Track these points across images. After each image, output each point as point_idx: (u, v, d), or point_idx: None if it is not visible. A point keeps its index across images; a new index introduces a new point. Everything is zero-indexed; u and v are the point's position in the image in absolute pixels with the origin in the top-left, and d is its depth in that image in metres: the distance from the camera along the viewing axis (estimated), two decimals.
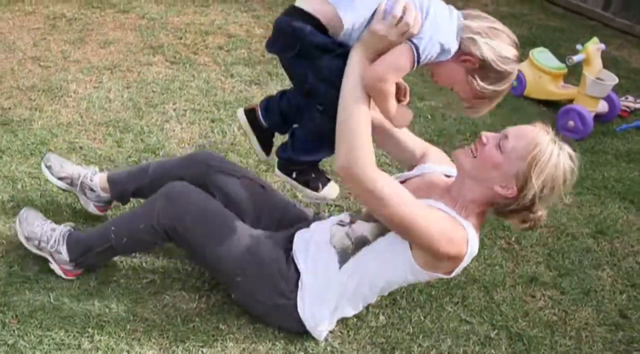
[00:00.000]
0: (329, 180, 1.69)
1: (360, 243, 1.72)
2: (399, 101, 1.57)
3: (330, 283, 1.73)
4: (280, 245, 1.82)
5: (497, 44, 1.46)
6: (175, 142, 2.58)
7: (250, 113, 1.70)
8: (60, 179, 2.08)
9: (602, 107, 3.10)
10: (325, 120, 1.54)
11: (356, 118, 1.48)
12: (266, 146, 1.73)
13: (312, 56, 1.47)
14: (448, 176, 1.80)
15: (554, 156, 1.54)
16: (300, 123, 1.63)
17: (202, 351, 1.71)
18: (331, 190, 1.69)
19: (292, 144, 1.64)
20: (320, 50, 1.46)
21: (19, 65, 2.98)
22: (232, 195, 1.95)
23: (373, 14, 1.44)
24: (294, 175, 1.66)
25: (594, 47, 2.97)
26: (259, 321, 1.81)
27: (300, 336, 1.79)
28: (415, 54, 1.43)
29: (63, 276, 1.88)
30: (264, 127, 1.69)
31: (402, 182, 1.76)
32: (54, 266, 1.89)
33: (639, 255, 2.29)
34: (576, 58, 2.97)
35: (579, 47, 3.02)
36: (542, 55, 3.20)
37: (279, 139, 1.74)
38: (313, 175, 1.67)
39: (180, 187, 1.84)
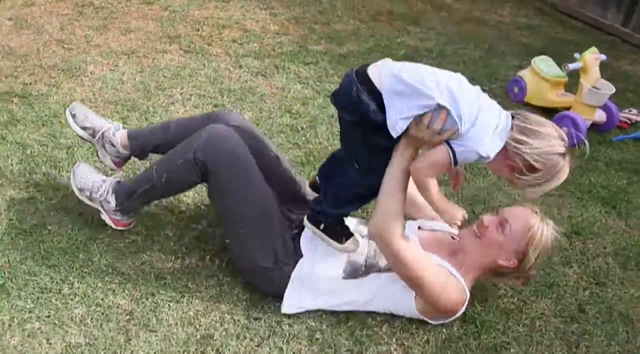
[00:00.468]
0: (351, 235, 1.84)
1: (372, 268, 1.87)
2: (454, 187, 1.80)
3: (329, 284, 1.87)
4: (288, 219, 1.97)
5: (541, 149, 1.57)
6: None
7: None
8: (83, 128, 2.16)
9: (600, 116, 3.13)
10: (357, 178, 1.70)
11: (394, 198, 1.71)
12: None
13: (366, 129, 1.62)
14: (453, 238, 2.00)
15: (544, 233, 1.86)
16: (335, 179, 1.78)
17: (169, 305, 1.86)
18: (352, 244, 1.84)
19: (325, 198, 1.80)
20: (375, 128, 1.60)
21: (44, 46, 3.22)
22: (250, 146, 1.98)
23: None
24: (321, 226, 1.81)
25: (591, 56, 3.01)
26: (243, 276, 1.94)
27: (263, 300, 1.91)
28: (452, 158, 1.59)
29: (113, 226, 2.04)
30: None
31: (420, 229, 1.99)
32: (104, 216, 2.03)
33: (609, 256, 2.33)
34: (572, 66, 3.01)
35: (576, 55, 3.06)
36: (543, 64, 3.25)
37: None
38: (339, 229, 1.82)
39: (222, 130, 1.93)
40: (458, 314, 1.90)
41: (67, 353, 1.67)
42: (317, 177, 1.91)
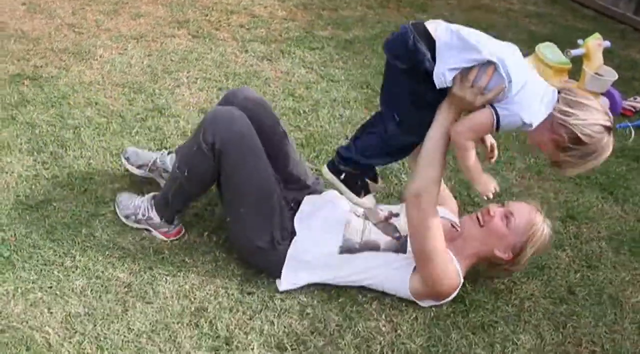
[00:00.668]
0: (369, 192, 1.85)
1: (370, 247, 1.91)
2: (489, 159, 1.84)
3: (325, 259, 1.92)
4: (287, 199, 2.01)
5: (587, 120, 1.58)
6: (182, 104, 2.81)
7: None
8: (139, 167, 2.25)
9: (603, 103, 3.13)
10: (396, 130, 1.71)
11: (434, 164, 1.73)
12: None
13: (416, 78, 1.64)
14: (453, 226, 2.04)
15: (544, 232, 1.92)
16: (372, 130, 1.78)
17: (166, 278, 1.93)
18: (369, 200, 1.85)
19: (356, 146, 1.79)
20: (426, 78, 1.62)
21: (56, 30, 3.30)
22: (258, 125, 2.00)
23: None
24: (342, 176, 1.81)
25: (594, 42, 2.99)
26: (240, 255, 2.00)
27: (257, 275, 1.98)
28: (495, 121, 1.60)
29: (166, 239, 2.06)
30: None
31: None
32: (154, 233, 2.07)
33: (603, 240, 2.34)
34: (574, 52, 2.99)
35: (579, 41, 3.05)
36: (547, 50, 3.21)
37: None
38: (359, 183, 1.82)
39: (228, 111, 1.96)
40: (448, 299, 1.94)
41: (66, 322, 1.75)
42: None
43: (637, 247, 2.32)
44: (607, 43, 3.14)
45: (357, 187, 1.82)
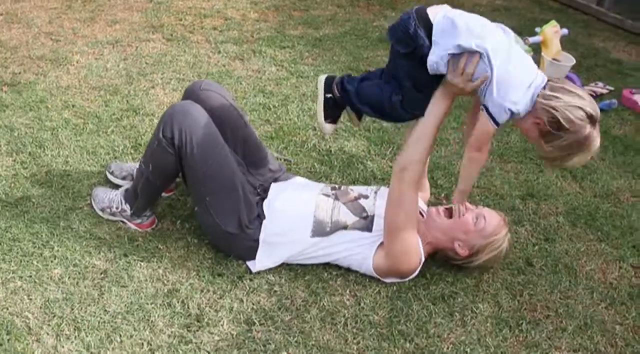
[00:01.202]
0: (335, 123, 2.00)
1: (339, 227, 2.01)
2: None
3: (297, 243, 2.01)
4: (252, 186, 2.10)
5: (570, 103, 1.65)
6: (155, 104, 2.91)
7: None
8: (123, 178, 2.34)
9: None
10: (398, 104, 1.84)
11: (422, 145, 1.87)
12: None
13: (416, 62, 1.77)
14: (420, 213, 2.13)
15: (502, 246, 2.04)
16: (376, 89, 1.89)
17: (140, 264, 2.03)
18: (330, 128, 2.01)
19: (360, 86, 1.92)
20: (423, 62, 1.75)
21: (34, 39, 3.40)
22: (217, 114, 2.09)
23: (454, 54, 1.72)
24: (328, 95, 1.93)
25: (551, 30, 3.14)
26: (212, 242, 2.09)
27: (226, 258, 2.08)
28: (491, 119, 1.73)
29: (140, 230, 2.15)
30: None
31: None
32: (129, 225, 2.16)
33: (560, 215, 2.46)
34: (532, 39, 3.14)
35: (537, 29, 3.19)
36: None
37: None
38: (334, 108, 1.95)
39: (183, 105, 2.02)
40: (409, 278, 2.05)
41: (45, 307, 1.84)
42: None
43: (592, 221, 2.45)
44: (565, 31, 3.30)
45: (331, 112, 1.95)
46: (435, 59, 1.74)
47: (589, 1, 4.69)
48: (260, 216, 2.04)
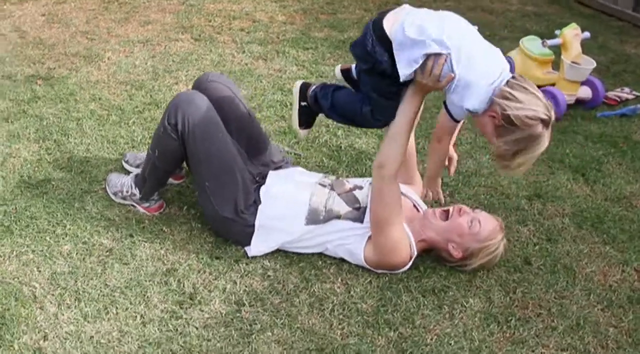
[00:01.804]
0: (309, 128, 2.11)
1: (332, 216, 2.08)
2: (448, 169, 2.09)
3: (292, 229, 2.08)
4: (252, 174, 2.18)
5: (524, 103, 1.70)
6: None
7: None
8: (137, 167, 2.44)
9: (585, 93, 3.21)
10: (368, 114, 1.91)
11: (397, 143, 1.92)
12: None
13: (378, 76, 1.85)
14: (415, 207, 2.19)
15: (497, 250, 2.06)
16: (349, 99, 1.98)
17: (144, 244, 2.14)
18: (303, 133, 2.12)
19: (333, 96, 2.00)
20: (386, 75, 1.82)
21: (70, 37, 3.61)
22: (222, 105, 2.19)
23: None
24: (302, 103, 2.03)
25: (571, 32, 3.10)
26: (212, 227, 2.17)
27: (226, 243, 2.16)
28: (449, 115, 1.80)
29: (147, 213, 2.26)
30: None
31: None
32: (138, 208, 2.28)
33: (566, 217, 2.43)
34: (551, 42, 3.11)
35: (556, 32, 3.16)
36: (530, 43, 3.35)
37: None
38: (308, 115, 2.05)
39: (188, 94, 2.16)
40: (401, 270, 2.07)
41: (52, 279, 1.97)
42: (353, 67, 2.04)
43: (599, 224, 2.40)
44: (587, 34, 3.26)
45: (305, 118, 2.03)
46: (406, 72, 1.78)
47: (624, 7, 4.58)
48: (257, 203, 2.11)
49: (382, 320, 1.91)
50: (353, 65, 2.04)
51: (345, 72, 2.09)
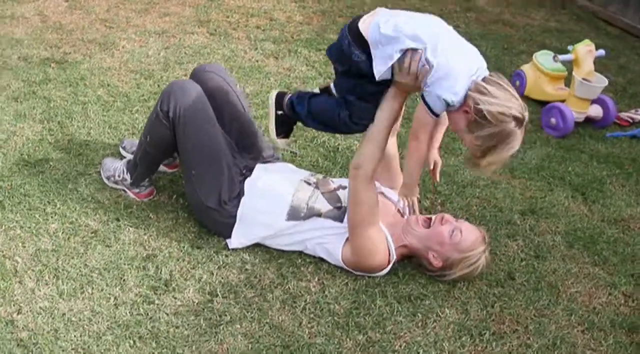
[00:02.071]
0: (287, 137, 2.08)
1: (313, 213, 2.08)
2: (433, 175, 2.09)
3: (272, 224, 2.09)
4: (239, 167, 2.20)
5: (498, 99, 1.70)
6: None
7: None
8: (133, 153, 2.42)
9: (596, 111, 3.14)
10: (347, 119, 1.91)
11: (375, 144, 1.91)
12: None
13: (355, 77, 1.86)
14: (399, 212, 2.17)
15: (478, 262, 2.02)
16: (330, 104, 1.97)
17: (129, 228, 2.17)
18: (282, 142, 2.09)
19: (309, 104, 2.00)
20: (363, 75, 1.83)
21: (89, 24, 3.68)
22: (216, 95, 2.22)
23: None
24: (279, 112, 2.02)
25: (584, 49, 3.04)
26: (197, 215, 2.19)
27: (209, 234, 2.17)
28: (427, 109, 1.77)
29: (137, 199, 2.29)
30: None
31: None
32: (129, 193, 2.31)
33: (559, 235, 2.38)
34: (562, 57, 3.05)
35: (569, 47, 3.10)
36: (544, 57, 3.30)
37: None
38: (285, 125, 2.04)
39: (181, 82, 2.19)
40: (380, 274, 2.06)
41: (35, 255, 2.02)
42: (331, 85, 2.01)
43: (592, 244, 2.35)
44: (602, 52, 3.19)
45: (282, 128, 2.02)
46: (381, 69, 1.77)
47: None
48: (241, 195, 2.12)
49: (353, 323, 1.90)
50: (332, 83, 1.99)
51: (325, 90, 2.05)
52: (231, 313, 1.88)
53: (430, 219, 2.10)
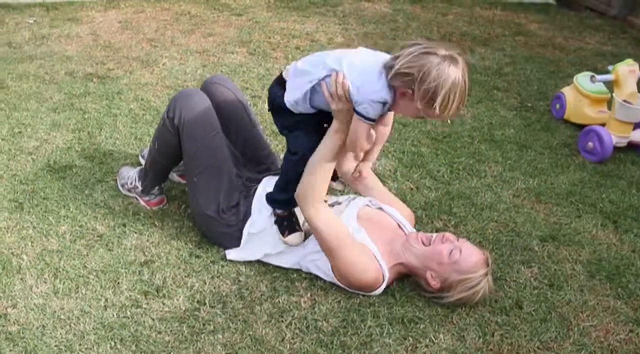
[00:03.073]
0: (296, 230, 2.02)
1: (309, 233, 2.06)
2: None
3: (271, 242, 2.07)
4: (241, 177, 2.22)
5: (413, 49, 1.67)
6: None
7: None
8: (143, 157, 2.54)
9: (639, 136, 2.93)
10: (289, 158, 1.95)
11: (314, 172, 1.90)
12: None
13: (278, 112, 1.95)
14: (400, 228, 2.13)
15: (478, 286, 1.93)
16: (288, 165, 2.00)
17: (133, 234, 2.21)
18: (294, 238, 2.02)
19: (274, 185, 2.06)
20: (284, 109, 1.91)
21: (136, 43, 3.87)
22: (223, 107, 2.27)
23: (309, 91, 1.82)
24: (274, 218, 2.05)
25: (625, 69, 2.85)
26: (197, 224, 2.21)
27: (209, 243, 2.18)
28: (363, 118, 1.76)
29: (147, 207, 2.34)
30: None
31: (365, 205, 2.14)
32: (139, 201, 2.40)
33: (580, 263, 2.21)
34: (600, 78, 2.87)
35: (609, 67, 2.92)
36: (585, 79, 3.13)
37: None
38: (285, 223, 2.05)
39: (189, 91, 2.24)
40: (374, 293, 1.98)
41: (40, 254, 2.10)
42: None
43: (616, 276, 2.17)
44: None
45: (285, 227, 2.03)
46: (289, 98, 1.85)
47: None
48: (239, 205, 2.12)
49: (338, 342, 1.83)
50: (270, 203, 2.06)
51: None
52: (215, 323, 1.87)
53: (431, 237, 2.01)
